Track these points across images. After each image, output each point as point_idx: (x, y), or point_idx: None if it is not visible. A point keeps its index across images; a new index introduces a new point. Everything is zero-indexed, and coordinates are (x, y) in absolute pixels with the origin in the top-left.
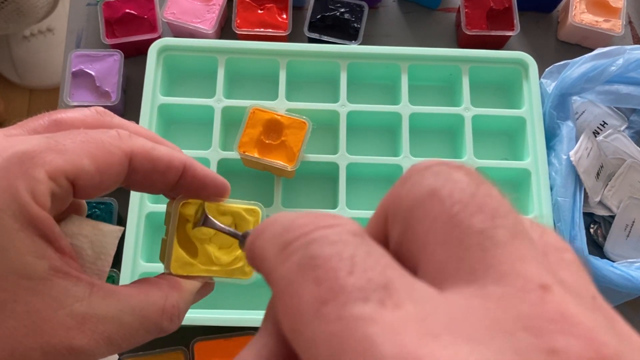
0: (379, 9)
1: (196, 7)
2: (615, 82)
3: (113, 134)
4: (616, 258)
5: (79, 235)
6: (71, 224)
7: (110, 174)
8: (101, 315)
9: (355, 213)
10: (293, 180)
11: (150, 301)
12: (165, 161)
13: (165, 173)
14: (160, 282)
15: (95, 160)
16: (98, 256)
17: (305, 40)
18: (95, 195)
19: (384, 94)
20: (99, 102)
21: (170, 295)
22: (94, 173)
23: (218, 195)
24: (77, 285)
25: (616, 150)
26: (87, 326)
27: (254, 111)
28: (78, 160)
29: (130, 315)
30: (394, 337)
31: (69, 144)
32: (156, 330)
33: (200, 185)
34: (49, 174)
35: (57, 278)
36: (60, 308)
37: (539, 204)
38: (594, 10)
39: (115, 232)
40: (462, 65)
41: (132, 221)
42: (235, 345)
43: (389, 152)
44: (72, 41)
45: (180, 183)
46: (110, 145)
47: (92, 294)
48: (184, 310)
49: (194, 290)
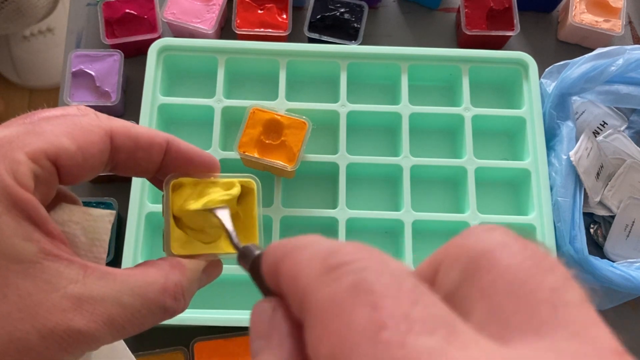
0: (379, 9)
1: (196, 7)
2: (615, 82)
3: (91, 116)
4: (616, 258)
5: (69, 222)
6: (61, 211)
7: (93, 152)
8: (98, 297)
9: (355, 213)
10: (293, 180)
11: (149, 280)
12: (147, 137)
13: (149, 150)
14: (160, 263)
15: (75, 139)
16: (92, 242)
17: (305, 40)
18: (82, 178)
19: (384, 94)
20: (99, 102)
21: (172, 274)
22: (76, 151)
23: (207, 171)
24: (70, 268)
25: (616, 150)
26: (85, 308)
27: (254, 111)
28: (57, 140)
29: (130, 295)
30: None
31: (47, 127)
32: (160, 310)
33: (187, 160)
34: (29, 155)
35: (47, 261)
36: (53, 290)
37: (539, 204)
38: (594, 10)
39: (107, 215)
40: (462, 65)
41: (132, 221)
42: (235, 345)
43: (389, 152)
44: (72, 41)
45: (166, 161)
46: (89, 125)
47: (87, 276)
48: (188, 289)
49: (199, 269)
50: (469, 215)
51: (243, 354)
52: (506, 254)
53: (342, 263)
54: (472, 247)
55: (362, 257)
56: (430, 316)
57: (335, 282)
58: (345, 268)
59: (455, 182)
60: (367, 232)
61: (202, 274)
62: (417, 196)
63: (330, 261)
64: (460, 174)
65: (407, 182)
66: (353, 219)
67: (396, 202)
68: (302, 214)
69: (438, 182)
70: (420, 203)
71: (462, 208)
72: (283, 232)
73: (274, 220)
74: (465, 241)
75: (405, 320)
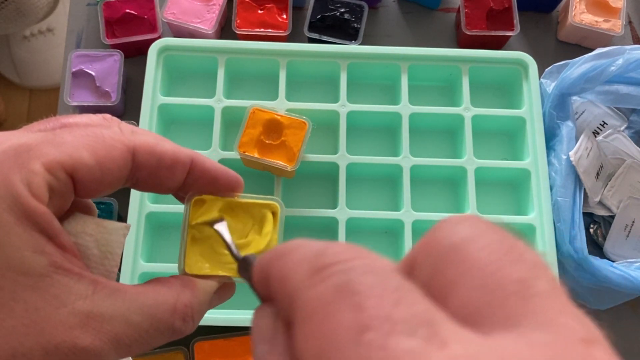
0: (379, 9)
1: (196, 7)
2: (615, 82)
3: (115, 129)
4: (616, 258)
5: (82, 234)
6: (74, 222)
7: (112, 168)
8: (107, 314)
9: (355, 213)
10: (293, 180)
11: (160, 300)
12: (171, 155)
13: (172, 168)
14: (172, 281)
15: (95, 153)
16: (105, 255)
17: (305, 40)
18: (99, 193)
19: (384, 94)
20: (99, 102)
21: (183, 294)
22: (94, 166)
23: (231, 190)
24: (80, 283)
25: (616, 150)
26: (92, 325)
27: (254, 111)
28: (76, 153)
29: (139, 314)
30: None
31: (68, 137)
32: (168, 331)
33: (211, 180)
34: (45, 166)
35: (57, 275)
36: (61, 306)
37: (539, 204)
38: (593, 10)
39: (122, 229)
40: (462, 65)
41: (132, 221)
42: (235, 345)
43: (389, 152)
44: (72, 41)
45: (189, 180)
46: (112, 139)
47: (97, 292)
48: (198, 311)
49: (210, 291)
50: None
51: (243, 354)
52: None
53: (328, 264)
54: (440, 241)
55: (348, 258)
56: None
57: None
58: (331, 269)
59: (455, 182)
60: (367, 232)
61: (215, 295)
62: (417, 196)
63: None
64: (460, 174)
65: (407, 182)
66: (353, 219)
67: (396, 202)
68: (302, 214)
69: (438, 182)
70: (420, 203)
71: (462, 208)
72: (283, 232)
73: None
74: (435, 235)
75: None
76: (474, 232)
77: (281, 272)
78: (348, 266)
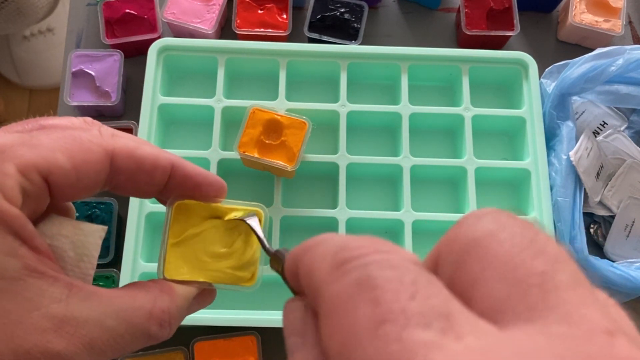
0: (379, 9)
1: (196, 7)
2: (615, 82)
3: (94, 133)
4: (616, 258)
5: (58, 236)
6: (50, 224)
7: (89, 172)
8: (81, 318)
9: (355, 213)
10: (293, 180)
11: (136, 304)
12: (151, 160)
13: (152, 173)
14: (150, 286)
15: (71, 156)
16: (80, 258)
17: (305, 40)
18: (76, 197)
19: (384, 94)
20: (99, 102)
21: (160, 299)
22: (70, 169)
23: (214, 195)
24: (54, 286)
25: (616, 150)
26: (65, 329)
27: (254, 111)
28: (51, 155)
29: (114, 319)
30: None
31: (44, 139)
32: (144, 336)
33: (193, 185)
34: (19, 168)
35: (31, 278)
36: (34, 309)
37: (539, 204)
38: (594, 10)
39: (98, 231)
40: (462, 65)
41: (132, 221)
42: (235, 345)
43: (389, 152)
44: (72, 41)
45: (171, 184)
46: (89, 143)
47: (71, 296)
48: (176, 317)
49: (189, 296)
50: None
51: (243, 354)
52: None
53: (349, 258)
54: (463, 236)
55: (368, 252)
56: (428, 308)
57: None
58: (352, 263)
59: (455, 182)
60: (367, 232)
61: (194, 301)
62: (417, 196)
63: (339, 257)
64: (460, 174)
65: (407, 182)
66: (353, 219)
67: (396, 202)
68: (302, 214)
69: (438, 182)
70: (420, 203)
71: (462, 208)
72: (283, 232)
73: (274, 220)
74: (457, 231)
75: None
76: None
77: (307, 267)
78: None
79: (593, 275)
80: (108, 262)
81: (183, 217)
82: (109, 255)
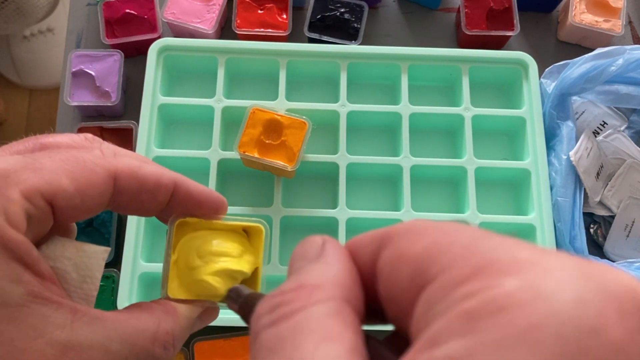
0: (379, 9)
1: (196, 7)
2: (615, 82)
3: (96, 153)
4: (616, 258)
5: (61, 258)
6: (53, 246)
7: (92, 194)
8: (85, 343)
9: (355, 213)
10: (293, 180)
11: (140, 327)
12: (154, 179)
13: (155, 192)
14: (154, 307)
15: (75, 179)
16: (84, 279)
17: (305, 40)
18: (79, 218)
19: (384, 94)
20: (99, 102)
21: (164, 321)
22: (74, 193)
23: (215, 212)
24: (58, 312)
25: (616, 150)
26: (69, 355)
27: (254, 111)
28: (56, 179)
29: (119, 343)
30: None
31: (47, 162)
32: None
33: (195, 203)
34: (23, 193)
35: (35, 304)
36: (38, 337)
37: (539, 204)
38: (593, 10)
39: (101, 252)
40: (462, 65)
41: (132, 221)
42: (235, 345)
43: (389, 152)
44: (72, 41)
45: (173, 202)
46: (93, 164)
47: (75, 321)
48: (179, 338)
49: (192, 316)
50: (468, 215)
51: (243, 354)
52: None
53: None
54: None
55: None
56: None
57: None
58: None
59: (455, 182)
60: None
61: (196, 320)
62: (417, 196)
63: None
64: (460, 174)
65: (407, 182)
66: (353, 219)
67: (396, 202)
68: (302, 214)
69: (438, 182)
70: (420, 203)
71: (462, 208)
72: (283, 232)
73: (274, 220)
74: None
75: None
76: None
77: None
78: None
79: None
80: (108, 262)
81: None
82: (109, 255)
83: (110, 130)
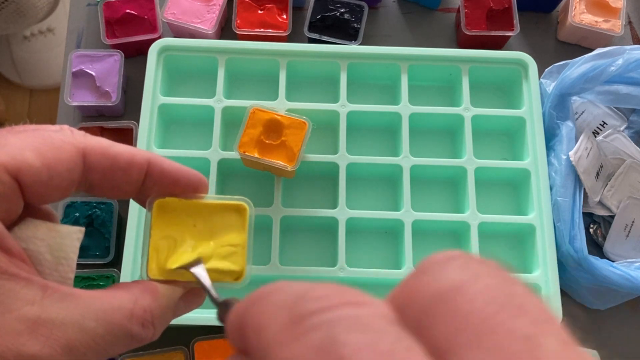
0: (379, 9)
1: (196, 7)
2: (615, 82)
3: (66, 132)
4: (616, 258)
5: (33, 239)
6: (24, 227)
7: (60, 170)
8: (57, 320)
9: (355, 213)
10: (293, 180)
11: (116, 304)
12: (126, 157)
13: (127, 170)
14: (131, 286)
15: (41, 155)
16: (59, 261)
17: (305, 41)
18: (50, 197)
19: (384, 94)
20: (99, 102)
21: (142, 299)
22: (40, 168)
23: (193, 191)
24: (28, 288)
25: (616, 150)
26: (40, 331)
27: (254, 111)
28: (20, 154)
29: (93, 320)
30: None
31: (12, 139)
32: (126, 337)
33: (172, 181)
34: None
35: (2, 280)
36: (6, 312)
37: (539, 204)
38: (593, 11)
39: (75, 232)
40: (462, 65)
41: (132, 221)
42: None
43: (389, 152)
44: (72, 41)
45: (148, 182)
46: (60, 141)
47: (46, 297)
48: (160, 317)
49: (175, 297)
50: (468, 215)
51: None
52: (465, 297)
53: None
54: (425, 288)
55: (333, 304)
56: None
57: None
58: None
59: (455, 182)
60: (367, 232)
61: (180, 302)
62: (417, 196)
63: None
64: (460, 174)
65: (407, 182)
66: (353, 219)
67: (396, 202)
68: (302, 214)
69: (438, 182)
70: (420, 203)
71: (462, 208)
72: (283, 232)
73: (274, 220)
74: (418, 280)
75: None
76: (464, 275)
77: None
78: (333, 316)
79: (593, 276)
80: (108, 262)
81: (166, 216)
82: (109, 255)
83: (110, 130)
